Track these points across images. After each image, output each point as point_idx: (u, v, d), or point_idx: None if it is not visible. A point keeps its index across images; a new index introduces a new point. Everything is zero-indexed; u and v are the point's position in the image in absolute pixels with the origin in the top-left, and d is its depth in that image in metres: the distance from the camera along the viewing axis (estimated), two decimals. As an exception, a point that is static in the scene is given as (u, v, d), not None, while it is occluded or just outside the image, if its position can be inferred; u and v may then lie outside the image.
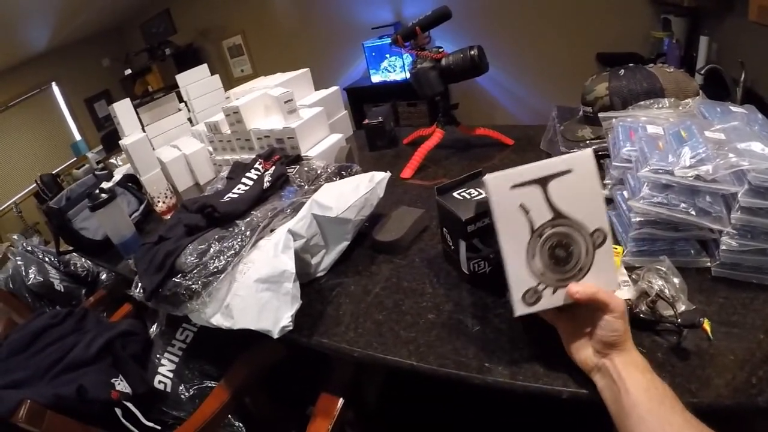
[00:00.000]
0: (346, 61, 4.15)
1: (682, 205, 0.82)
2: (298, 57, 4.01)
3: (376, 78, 3.86)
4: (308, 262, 0.90)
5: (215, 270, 0.82)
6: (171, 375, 1.12)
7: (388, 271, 0.95)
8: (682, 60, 2.75)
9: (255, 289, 0.78)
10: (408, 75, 1.70)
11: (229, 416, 1.12)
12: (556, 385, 0.67)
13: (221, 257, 0.84)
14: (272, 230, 0.93)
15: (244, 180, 1.07)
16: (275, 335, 0.75)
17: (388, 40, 4.00)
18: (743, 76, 2.11)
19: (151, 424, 1.02)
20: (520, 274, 0.64)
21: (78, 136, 4.89)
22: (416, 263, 0.96)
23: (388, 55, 3.76)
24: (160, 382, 1.11)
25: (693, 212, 0.82)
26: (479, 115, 3.91)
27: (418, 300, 0.86)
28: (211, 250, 0.86)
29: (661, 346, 0.72)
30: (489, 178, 0.63)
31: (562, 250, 0.65)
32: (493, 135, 1.50)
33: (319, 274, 0.96)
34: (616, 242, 0.93)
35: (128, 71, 5.00)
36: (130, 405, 1.01)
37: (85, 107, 4.91)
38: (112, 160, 2.03)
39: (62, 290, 1.60)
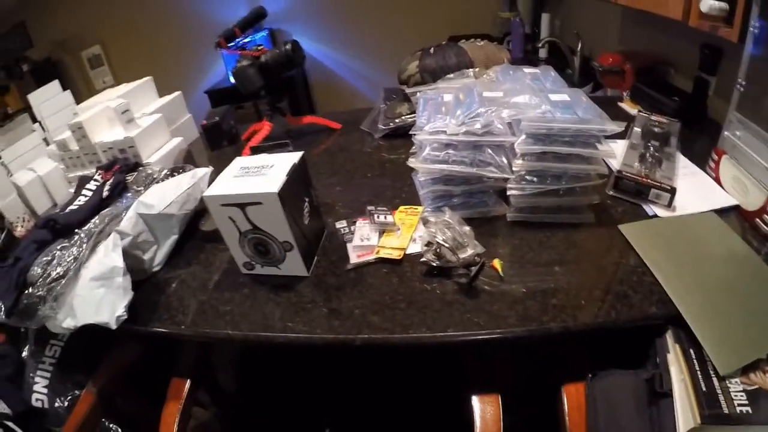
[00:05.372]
0: (208, 63, 4.09)
1: (465, 159, 0.89)
2: (160, 63, 3.87)
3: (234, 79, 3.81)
4: (140, 258, 1.05)
5: (57, 276, 0.95)
6: (45, 391, 1.17)
7: (214, 257, 1.11)
8: (527, 37, 2.87)
9: (91, 287, 0.92)
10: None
11: (105, 420, 1.21)
12: (350, 333, 0.81)
13: (62, 263, 0.96)
14: (109, 234, 1.05)
15: (83, 192, 1.19)
16: (113, 326, 0.89)
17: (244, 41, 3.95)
18: (580, 45, 2.31)
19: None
20: (238, 253, 0.98)
21: None
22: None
23: (243, 55, 3.72)
24: (37, 399, 1.16)
25: (472, 165, 0.89)
26: (339, 102, 4.10)
27: (236, 278, 1.02)
28: (55, 260, 0.99)
29: (452, 289, 0.83)
30: (206, 197, 0.90)
31: (261, 247, 0.95)
32: (320, 121, 1.64)
33: (155, 269, 1.10)
34: (418, 203, 1.05)
35: (-16, 92, 4.65)
36: (11, 424, 1.09)
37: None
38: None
39: None
